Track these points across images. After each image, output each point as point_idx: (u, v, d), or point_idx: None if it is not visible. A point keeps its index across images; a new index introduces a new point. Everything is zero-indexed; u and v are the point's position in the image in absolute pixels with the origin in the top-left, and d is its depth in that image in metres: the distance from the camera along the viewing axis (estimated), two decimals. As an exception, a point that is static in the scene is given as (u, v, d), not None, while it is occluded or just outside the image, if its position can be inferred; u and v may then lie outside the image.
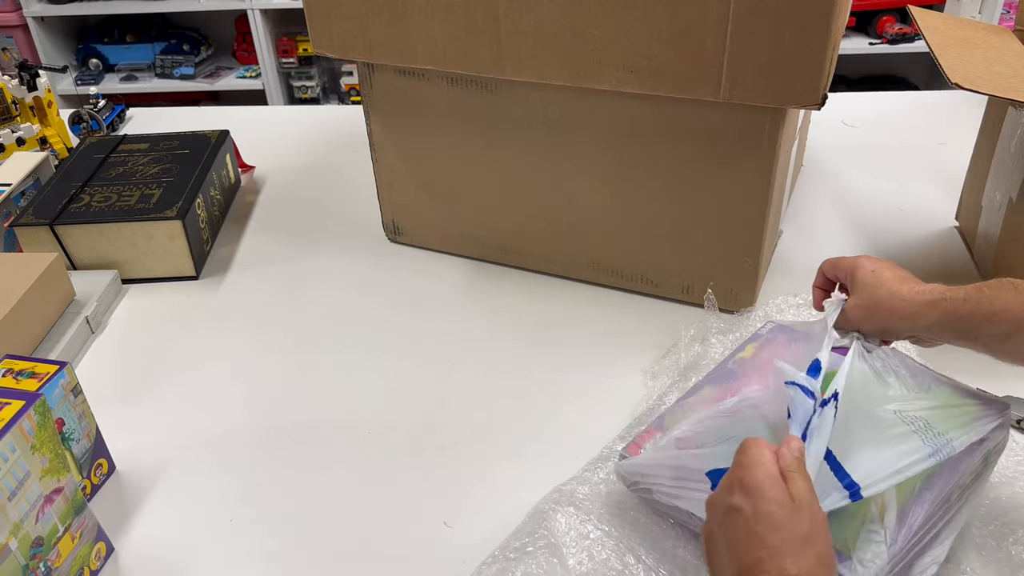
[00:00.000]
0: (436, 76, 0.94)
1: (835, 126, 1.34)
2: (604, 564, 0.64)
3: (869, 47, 2.65)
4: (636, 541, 0.66)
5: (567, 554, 0.65)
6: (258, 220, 1.19)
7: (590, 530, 0.67)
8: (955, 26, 0.93)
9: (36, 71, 1.32)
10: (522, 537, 0.66)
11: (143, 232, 1.02)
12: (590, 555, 0.65)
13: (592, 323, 0.94)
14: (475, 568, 0.64)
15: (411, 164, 1.03)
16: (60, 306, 0.96)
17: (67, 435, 0.72)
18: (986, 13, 2.47)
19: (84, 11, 2.84)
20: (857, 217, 1.10)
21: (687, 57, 0.78)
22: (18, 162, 1.17)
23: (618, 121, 0.87)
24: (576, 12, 0.80)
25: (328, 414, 0.84)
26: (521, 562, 0.64)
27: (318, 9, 0.93)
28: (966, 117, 1.17)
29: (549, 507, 0.68)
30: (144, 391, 0.88)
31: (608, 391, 0.83)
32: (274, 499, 0.75)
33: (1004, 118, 0.92)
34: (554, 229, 0.98)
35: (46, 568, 0.62)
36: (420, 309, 0.98)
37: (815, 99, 0.75)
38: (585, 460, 0.74)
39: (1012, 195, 0.88)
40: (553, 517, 0.67)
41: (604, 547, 0.65)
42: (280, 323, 0.97)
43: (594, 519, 0.68)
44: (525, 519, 0.68)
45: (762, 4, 0.73)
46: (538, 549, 0.64)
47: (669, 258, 0.93)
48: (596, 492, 0.70)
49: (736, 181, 0.85)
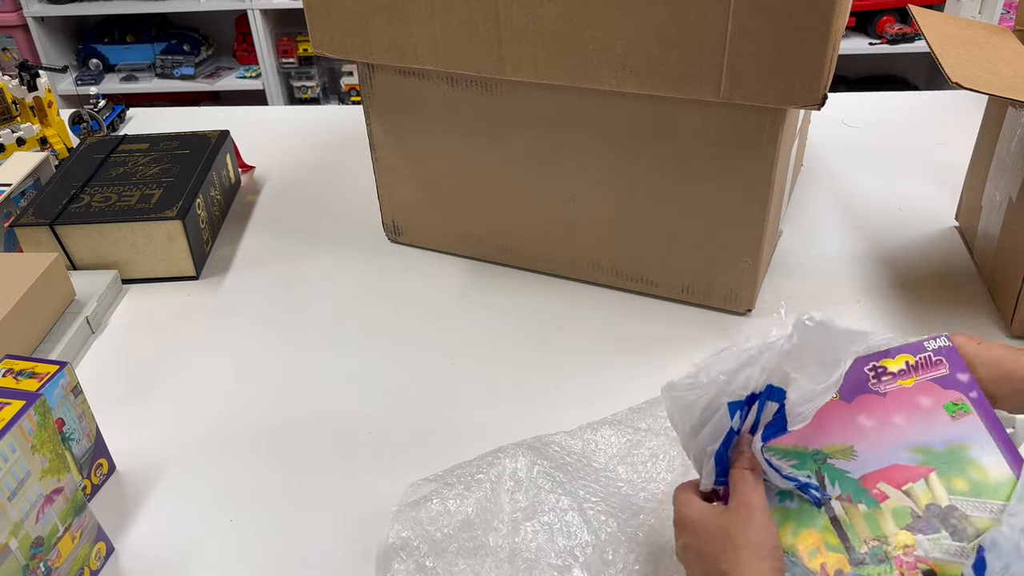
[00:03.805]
0: (436, 76, 0.94)
1: (835, 126, 1.34)
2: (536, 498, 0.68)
3: (869, 47, 2.65)
4: (579, 485, 0.69)
5: (503, 490, 0.68)
6: (258, 220, 1.19)
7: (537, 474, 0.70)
8: (955, 26, 0.93)
9: (36, 71, 1.32)
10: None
11: (143, 232, 1.02)
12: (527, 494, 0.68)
13: (592, 323, 0.94)
14: (416, 482, 0.70)
15: (411, 164, 1.03)
16: (60, 306, 0.96)
17: (67, 435, 0.72)
18: (986, 13, 2.47)
19: (84, 11, 2.84)
20: (857, 217, 1.10)
21: (687, 57, 0.78)
22: (18, 162, 1.17)
23: (618, 121, 0.87)
24: (576, 12, 0.80)
25: (328, 414, 0.84)
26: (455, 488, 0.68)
27: (318, 9, 0.93)
28: (966, 117, 1.17)
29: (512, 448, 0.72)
30: (144, 391, 0.88)
31: (608, 391, 0.83)
32: (274, 499, 0.75)
33: (1004, 118, 0.92)
34: (554, 229, 0.98)
35: (46, 568, 0.62)
36: (420, 309, 0.98)
37: (815, 99, 0.75)
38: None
39: (1012, 195, 0.88)
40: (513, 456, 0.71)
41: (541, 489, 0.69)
42: (280, 323, 0.97)
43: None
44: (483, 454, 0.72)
45: (762, 4, 0.73)
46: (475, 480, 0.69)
47: (669, 258, 0.93)
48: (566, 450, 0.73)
49: (736, 181, 0.85)
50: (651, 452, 0.72)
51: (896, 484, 0.53)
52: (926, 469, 0.53)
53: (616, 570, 0.62)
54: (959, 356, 0.57)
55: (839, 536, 0.52)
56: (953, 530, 0.51)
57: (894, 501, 0.52)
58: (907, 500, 0.52)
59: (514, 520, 0.66)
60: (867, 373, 0.57)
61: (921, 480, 0.53)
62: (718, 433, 0.54)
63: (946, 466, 0.53)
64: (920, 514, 0.52)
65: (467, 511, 0.67)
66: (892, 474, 0.53)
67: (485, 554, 0.64)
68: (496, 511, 0.67)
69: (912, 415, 0.55)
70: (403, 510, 0.68)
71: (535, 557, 0.64)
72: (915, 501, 0.52)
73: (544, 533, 0.65)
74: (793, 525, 0.53)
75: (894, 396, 0.56)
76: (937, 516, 0.52)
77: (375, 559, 0.67)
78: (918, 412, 0.55)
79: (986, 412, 0.55)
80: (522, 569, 0.63)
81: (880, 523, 0.52)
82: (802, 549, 0.52)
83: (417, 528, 0.66)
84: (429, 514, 0.67)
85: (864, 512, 0.53)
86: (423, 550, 0.65)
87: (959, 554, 0.50)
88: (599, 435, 0.74)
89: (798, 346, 0.52)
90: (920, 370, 0.57)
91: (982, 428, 0.54)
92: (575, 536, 0.65)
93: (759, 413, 0.54)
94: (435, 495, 0.68)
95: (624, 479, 0.70)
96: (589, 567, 0.63)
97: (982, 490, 0.52)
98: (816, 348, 0.53)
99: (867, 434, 0.55)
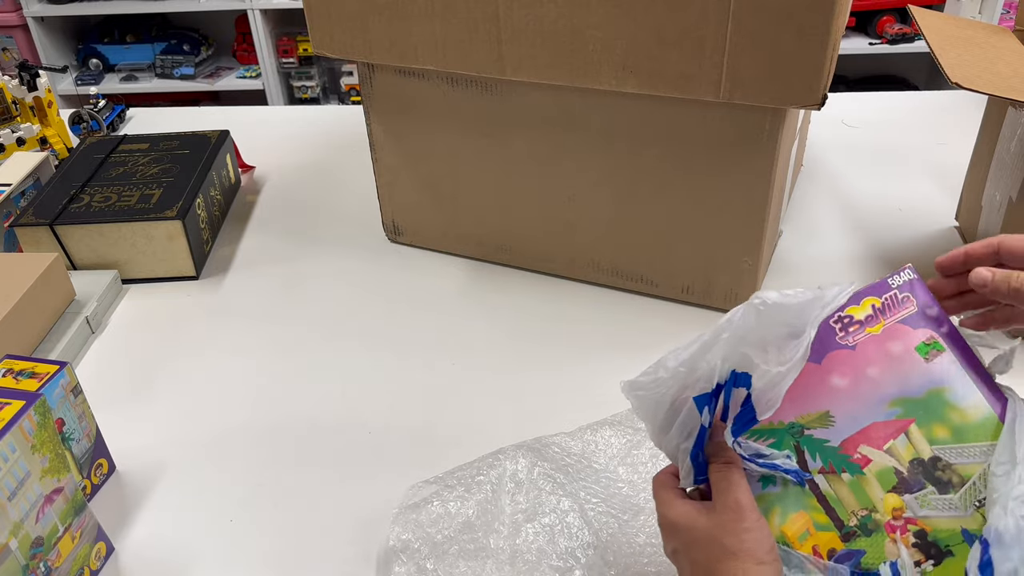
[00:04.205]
0: (436, 76, 0.94)
1: (835, 126, 1.34)
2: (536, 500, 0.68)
3: (869, 47, 2.65)
4: (579, 486, 0.68)
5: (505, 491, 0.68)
6: (258, 220, 1.19)
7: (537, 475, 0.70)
8: (955, 26, 0.93)
9: (36, 71, 1.32)
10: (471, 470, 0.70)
11: (143, 232, 1.02)
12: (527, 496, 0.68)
13: (592, 323, 0.94)
14: (417, 484, 0.70)
15: (411, 164, 1.03)
16: (60, 306, 0.96)
17: (67, 435, 0.72)
18: (986, 13, 2.47)
19: (84, 11, 2.84)
20: (857, 217, 1.10)
21: (687, 57, 0.78)
22: (18, 162, 1.17)
23: (618, 121, 0.87)
24: (576, 12, 0.80)
25: (328, 414, 0.84)
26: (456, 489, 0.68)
27: (318, 9, 0.93)
28: (966, 117, 1.18)
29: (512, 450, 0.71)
30: (144, 391, 0.88)
31: (608, 391, 0.83)
32: (274, 499, 0.75)
33: (1004, 118, 0.92)
34: (554, 229, 0.98)
35: (46, 568, 0.62)
36: (420, 309, 0.98)
37: (815, 99, 0.75)
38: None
39: (1012, 195, 0.88)
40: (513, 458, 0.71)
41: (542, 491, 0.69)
42: (280, 323, 0.97)
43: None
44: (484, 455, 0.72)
45: (762, 4, 0.73)
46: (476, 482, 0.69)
47: (669, 258, 0.93)
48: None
49: (736, 181, 0.85)
50: (651, 452, 0.72)
51: (877, 444, 0.51)
52: (905, 422, 0.51)
53: (618, 571, 0.62)
54: (924, 288, 0.54)
55: (827, 513, 0.51)
56: (939, 483, 0.50)
57: (877, 463, 0.51)
58: (890, 459, 0.51)
59: (515, 522, 0.66)
60: (833, 327, 0.54)
61: (902, 435, 0.51)
62: (689, 430, 0.52)
63: (924, 414, 0.51)
64: (904, 473, 0.50)
65: (468, 513, 0.67)
66: (871, 434, 0.51)
67: (486, 556, 0.64)
68: (497, 513, 0.67)
69: (885, 365, 0.53)
70: (403, 512, 0.68)
71: (536, 559, 0.64)
72: (898, 459, 0.51)
73: (545, 535, 0.65)
74: (779, 510, 0.51)
75: (864, 347, 0.53)
76: (921, 471, 0.50)
77: (375, 561, 0.67)
78: (891, 361, 0.53)
79: (960, 347, 0.53)
80: (523, 571, 0.63)
81: (866, 490, 0.51)
82: (791, 535, 0.51)
83: (418, 530, 0.66)
84: (429, 516, 0.67)
85: (849, 481, 0.51)
86: (424, 552, 0.64)
87: (948, 507, 0.49)
88: (599, 436, 0.74)
89: (756, 328, 0.50)
90: (887, 312, 0.54)
91: (957, 365, 0.52)
92: (576, 537, 0.65)
93: (727, 401, 0.52)
94: (435, 497, 0.68)
95: (625, 480, 0.70)
96: (590, 568, 0.63)
97: (964, 433, 0.50)
98: (775, 326, 0.51)
99: (842, 395, 0.52)
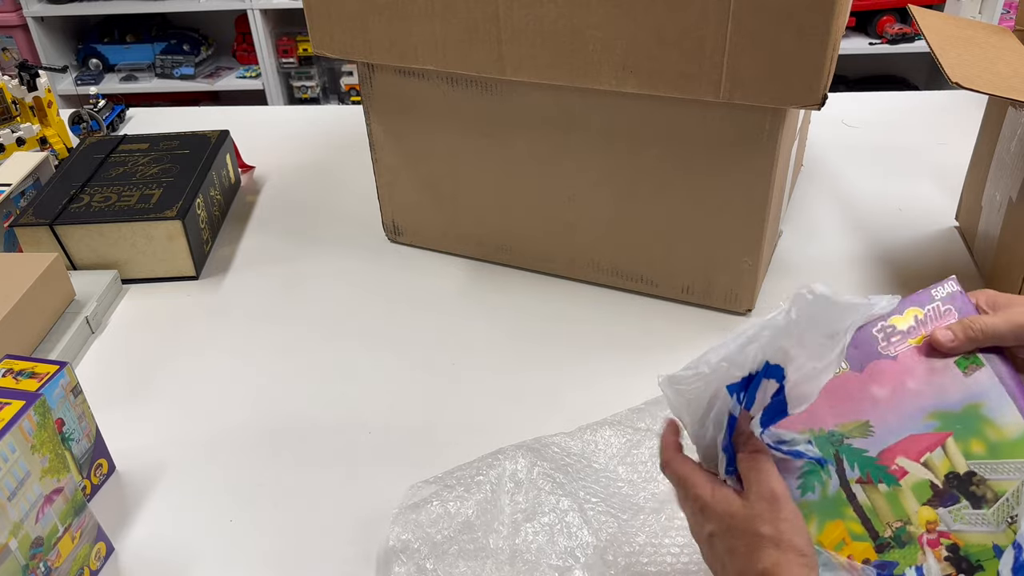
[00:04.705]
0: (436, 76, 0.94)
1: (835, 126, 1.34)
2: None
3: (869, 47, 2.65)
4: (579, 486, 0.68)
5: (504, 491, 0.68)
6: (258, 220, 1.19)
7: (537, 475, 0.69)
8: (955, 26, 0.93)
9: (36, 71, 1.32)
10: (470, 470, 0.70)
11: (143, 232, 1.02)
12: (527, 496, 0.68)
13: (592, 323, 0.94)
14: (416, 484, 0.70)
15: (411, 164, 1.03)
16: (60, 306, 0.96)
17: (67, 435, 0.72)
18: (986, 13, 2.47)
19: (84, 11, 2.84)
20: (857, 217, 1.10)
21: (687, 57, 0.78)
22: (18, 162, 1.17)
23: (618, 121, 0.87)
24: (576, 12, 0.80)
25: (328, 414, 0.84)
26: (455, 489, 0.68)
27: (318, 9, 0.93)
28: (966, 117, 1.17)
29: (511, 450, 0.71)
30: (144, 391, 0.88)
31: (608, 391, 0.83)
32: (274, 499, 0.75)
33: (1004, 118, 0.92)
34: (554, 229, 0.98)
35: (46, 568, 0.62)
36: (420, 309, 0.98)
37: (815, 99, 0.75)
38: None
39: (1012, 195, 0.88)
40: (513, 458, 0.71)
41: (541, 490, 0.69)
42: (280, 323, 0.97)
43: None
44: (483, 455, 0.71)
45: (762, 4, 0.73)
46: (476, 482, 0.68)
47: (669, 258, 0.93)
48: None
49: (736, 181, 0.85)
50: (651, 452, 0.72)
51: (914, 456, 0.52)
52: (943, 435, 0.52)
53: (617, 571, 0.62)
54: (967, 300, 0.55)
55: (863, 523, 0.51)
56: (973, 497, 0.50)
57: (913, 476, 0.51)
58: (926, 472, 0.51)
59: (514, 522, 0.66)
60: (876, 336, 0.55)
61: (939, 448, 0.51)
62: (721, 420, 0.52)
63: (962, 429, 0.51)
64: (940, 486, 0.51)
65: (467, 513, 0.67)
66: (909, 445, 0.52)
67: (486, 556, 0.64)
68: (496, 513, 0.67)
69: (925, 377, 0.53)
70: (403, 512, 0.68)
71: (536, 558, 0.64)
72: (934, 472, 0.51)
73: (545, 534, 0.65)
74: (817, 519, 0.51)
75: (905, 358, 0.54)
76: (956, 485, 0.51)
77: (375, 561, 0.67)
78: (930, 373, 0.53)
79: (1000, 362, 0.53)
80: (523, 571, 0.63)
81: (902, 502, 0.51)
82: (828, 544, 0.51)
83: (417, 530, 0.66)
84: (429, 516, 0.67)
85: (885, 492, 0.51)
86: (423, 552, 0.65)
87: (980, 522, 0.49)
88: (599, 436, 0.74)
89: (796, 321, 0.50)
90: (929, 323, 0.55)
91: (995, 380, 0.52)
92: (576, 537, 0.65)
93: (755, 391, 0.51)
94: (435, 497, 0.68)
95: (624, 479, 0.70)
96: (590, 568, 0.63)
97: (999, 450, 0.51)
98: (817, 323, 0.51)
99: (881, 405, 0.53)
